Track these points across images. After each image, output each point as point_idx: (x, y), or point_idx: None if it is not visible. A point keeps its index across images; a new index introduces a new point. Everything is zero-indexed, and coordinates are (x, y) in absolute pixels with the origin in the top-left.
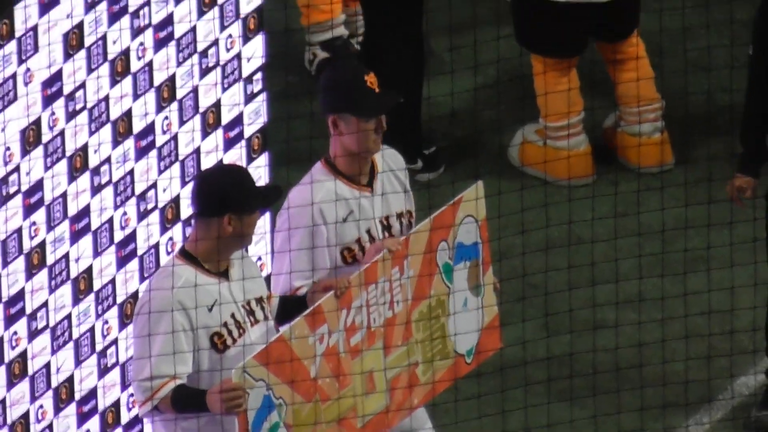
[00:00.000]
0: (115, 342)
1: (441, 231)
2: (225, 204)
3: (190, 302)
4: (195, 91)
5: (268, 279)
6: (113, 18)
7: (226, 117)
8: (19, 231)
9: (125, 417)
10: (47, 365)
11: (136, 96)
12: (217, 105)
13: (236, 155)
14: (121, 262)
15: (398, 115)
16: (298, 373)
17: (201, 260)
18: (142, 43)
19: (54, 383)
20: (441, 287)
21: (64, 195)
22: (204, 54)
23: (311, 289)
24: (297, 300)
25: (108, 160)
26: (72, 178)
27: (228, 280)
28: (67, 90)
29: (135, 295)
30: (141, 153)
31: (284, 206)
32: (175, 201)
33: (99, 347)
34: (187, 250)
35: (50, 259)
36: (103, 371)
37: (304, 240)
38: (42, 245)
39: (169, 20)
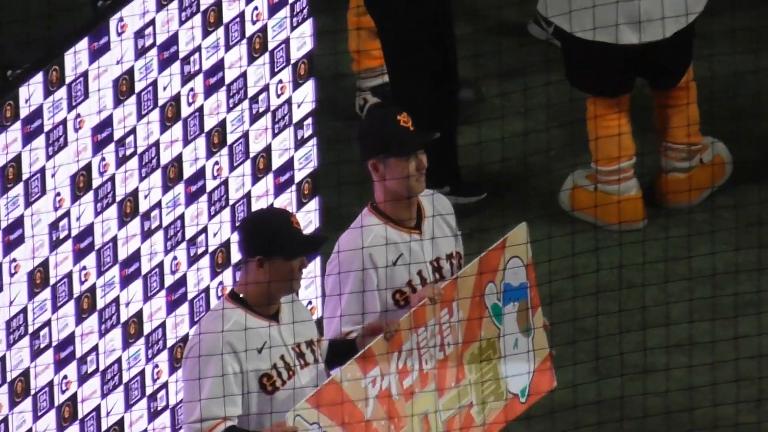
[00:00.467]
0: (165, 386)
1: (488, 273)
2: (258, 248)
3: (239, 344)
4: (245, 136)
5: (319, 322)
6: (163, 64)
7: (277, 162)
8: (69, 276)
9: None
10: (97, 409)
11: (186, 141)
12: (268, 150)
13: (286, 200)
14: (171, 306)
15: (434, 155)
16: (351, 415)
17: (250, 303)
18: (192, 89)
19: (104, 426)
20: (491, 329)
21: (114, 240)
22: (254, 99)
23: (360, 333)
24: (346, 343)
25: (158, 205)
26: (122, 223)
27: (278, 322)
28: (117, 135)
29: (185, 339)
30: (191, 198)
31: (334, 251)
32: (225, 245)
33: (149, 391)
34: (237, 293)
35: (100, 304)
36: (153, 415)
37: (355, 285)
38: (92, 290)
39: (219, 66)
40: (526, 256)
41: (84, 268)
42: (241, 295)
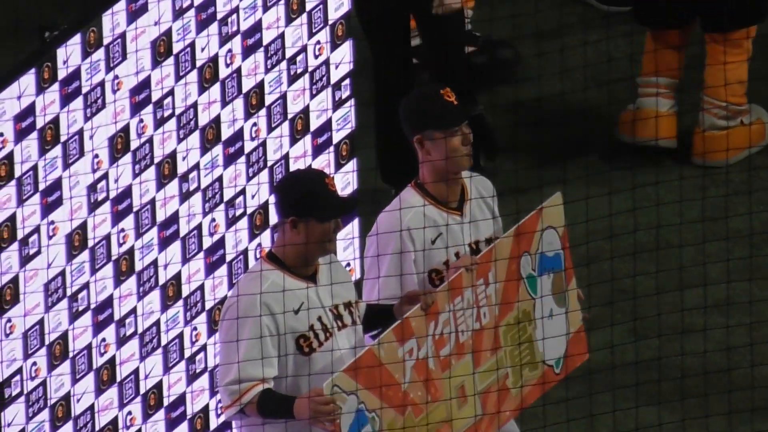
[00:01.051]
0: (203, 348)
1: (523, 242)
2: (291, 209)
3: (276, 305)
4: (283, 97)
5: (357, 284)
6: (201, 25)
7: (315, 123)
8: (107, 238)
9: (214, 423)
10: (135, 372)
11: (224, 103)
12: (306, 111)
13: (324, 161)
14: (210, 268)
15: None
16: (388, 384)
17: (288, 264)
18: (230, 50)
19: (142, 389)
20: (526, 298)
21: (152, 202)
22: (292, 61)
23: (398, 302)
24: (383, 309)
25: (196, 166)
26: (160, 185)
27: (315, 284)
28: (155, 97)
29: (223, 301)
30: (229, 159)
31: (373, 231)
32: (264, 207)
33: (187, 353)
34: (274, 254)
35: (138, 266)
36: (191, 377)
37: (393, 264)
38: (130, 252)
39: (257, 27)
40: (560, 225)
41: (122, 230)
42: (279, 256)
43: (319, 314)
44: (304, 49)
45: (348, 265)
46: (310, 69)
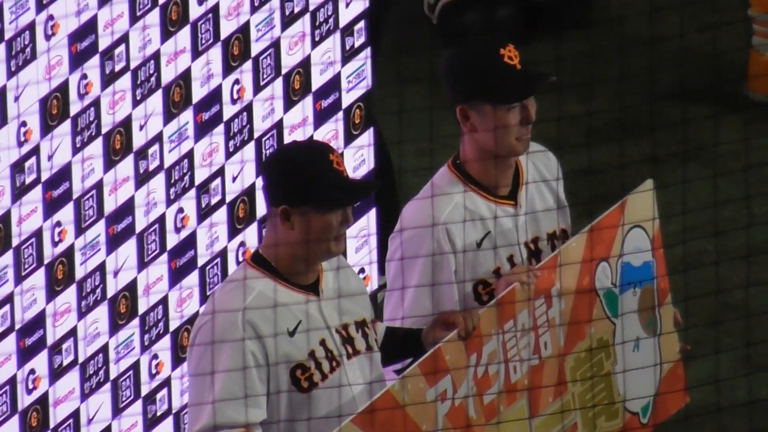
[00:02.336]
0: (167, 383)
1: (600, 245)
2: (282, 195)
3: (265, 325)
4: (275, 45)
5: (373, 298)
6: None
7: (318, 81)
8: (38, 235)
9: None
10: (75, 414)
11: (195, 53)
12: (306, 64)
13: (330, 132)
14: (176, 275)
15: None
16: None
17: (280, 269)
18: None
19: None
20: (604, 325)
21: (98, 186)
22: None
23: (429, 325)
24: (409, 333)
25: (158, 138)
26: (109, 163)
27: (318, 295)
28: (102, 45)
29: (192, 321)
30: (203, 129)
31: (398, 227)
32: (249, 194)
33: (145, 390)
34: (262, 256)
35: (80, 272)
36: (150, 423)
37: (425, 272)
38: (69, 254)
39: None
40: (652, 224)
41: (58, 224)
42: (268, 259)
43: (323, 337)
44: None
45: (362, 271)
46: (311, 7)
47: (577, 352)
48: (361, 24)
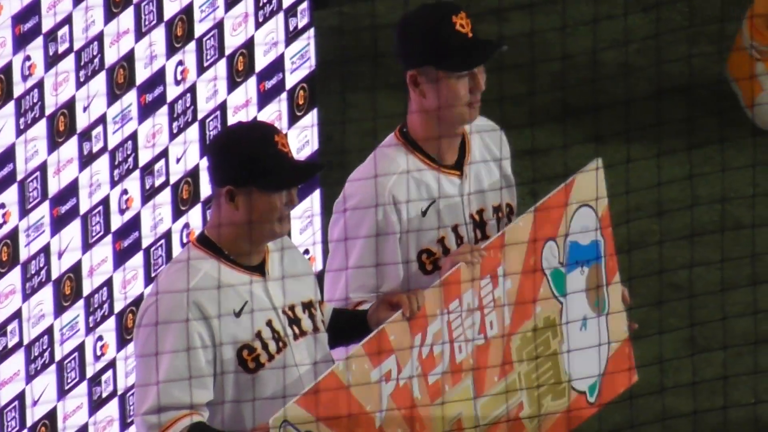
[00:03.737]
0: (112, 365)
1: (547, 224)
2: (227, 175)
3: (210, 306)
4: (219, 26)
5: (320, 278)
6: None
7: (261, 61)
8: None
9: None
10: (20, 396)
11: (139, 34)
12: (249, 45)
13: (274, 113)
14: (120, 257)
15: None
16: (357, 421)
17: (225, 250)
18: None
19: (29, 420)
20: (550, 304)
21: (42, 167)
22: None
23: (374, 305)
24: (354, 316)
25: (102, 120)
26: (53, 144)
27: (263, 276)
28: (46, 26)
29: (137, 303)
30: (147, 111)
31: (341, 199)
32: (193, 175)
33: (90, 372)
34: (208, 237)
35: (23, 254)
36: (96, 404)
37: (369, 246)
38: (13, 235)
39: None
40: (601, 202)
41: (2, 205)
42: (213, 240)
43: (269, 317)
44: None
45: (307, 252)
46: None
47: (523, 331)
48: (305, 5)
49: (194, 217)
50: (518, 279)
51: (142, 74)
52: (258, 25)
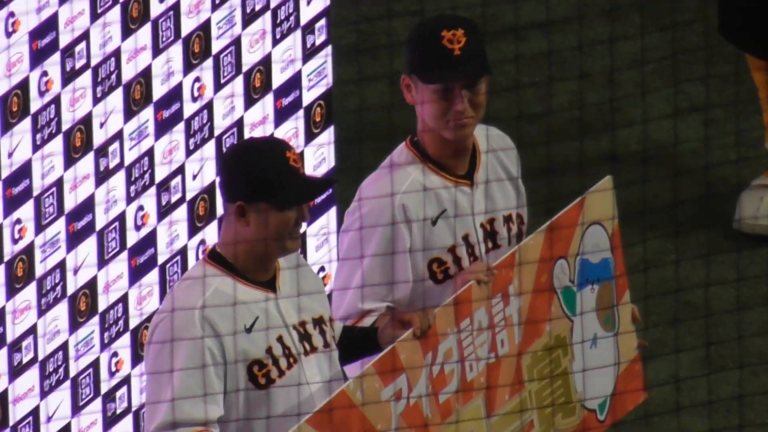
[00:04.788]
0: (126, 381)
1: (559, 242)
2: (238, 190)
3: (222, 322)
4: (236, 43)
5: (332, 295)
6: None
7: (278, 79)
8: None
9: None
10: (34, 412)
11: (156, 51)
12: (266, 62)
13: (291, 130)
14: (136, 273)
15: None
16: None
17: (237, 266)
18: None
19: None
20: (561, 322)
21: (58, 183)
22: None
23: (385, 323)
24: (365, 332)
25: (118, 136)
26: (70, 160)
27: (274, 292)
28: (63, 42)
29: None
30: (163, 127)
31: (355, 201)
32: (209, 191)
33: (105, 388)
34: (219, 253)
35: (39, 270)
36: (110, 421)
37: (381, 247)
38: (29, 251)
39: None
40: (611, 221)
41: (18, 221)
42: (225, 256)
43: (280, 333)
44: None
45: (323, 270)
46: (272, 5)
47: (533, 350)
48: (322, 22)
49: (210, 233)
50: (529, 297)
51: (159, 90)
52: (275, 42)
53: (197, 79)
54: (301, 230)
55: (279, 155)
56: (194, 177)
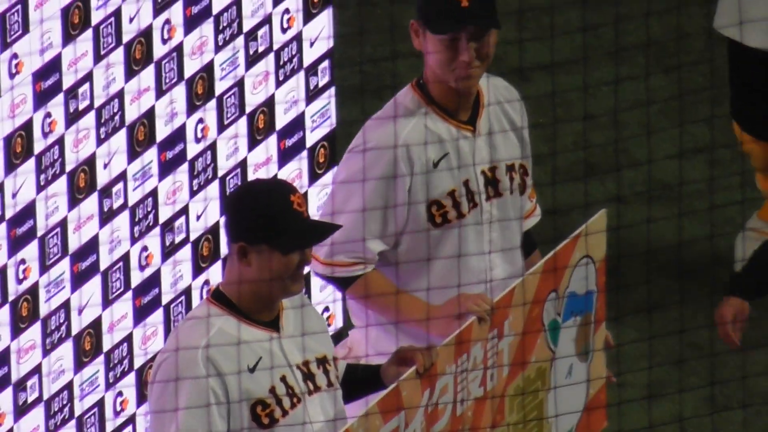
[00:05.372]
0: (131, 421)
1: (552, 279)
2: (240, 232)
3: (225, 362)
4: (239, 84)
5: (336, 337)
6: None
7: (282, 120)
8: (2, 272)
9: None
10: None
11: (159, 92)
12: (270, 104)
13: (294, 171)
14: (140, 313)
15: None
16: None
17: (241, 306)
18: (168, 21)
19: None
20: (544, 352)
21: (63, 223)
22: (252, 35)
23: (388, 360)
24: (368, 370)
25: (122, 177)
26: (74, 201)
27: (278, 332)
28: (67, 83)
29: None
30: (167, 168)
31: (355, 141)
32: (213, 232)
33: (110, 427)
34: (223, 293)
35: (44, 310)
36: None
37: (378, 192)
38: (33, 291)
39: None
40: (600, 253)
41: (23, 261)
42: (228, 296)
43: (283, 373)
44: (267, 19)
45: (327, 310)
46: (275, 47)
47: (517, 383)
48: (326, 63)
49: (214, 274)
50: (521, 329)
51: (162, 131)
52: (278, 83)
53: (200, 120)
54: (305, 272)
55: (282, 198)
56: (198, 217)
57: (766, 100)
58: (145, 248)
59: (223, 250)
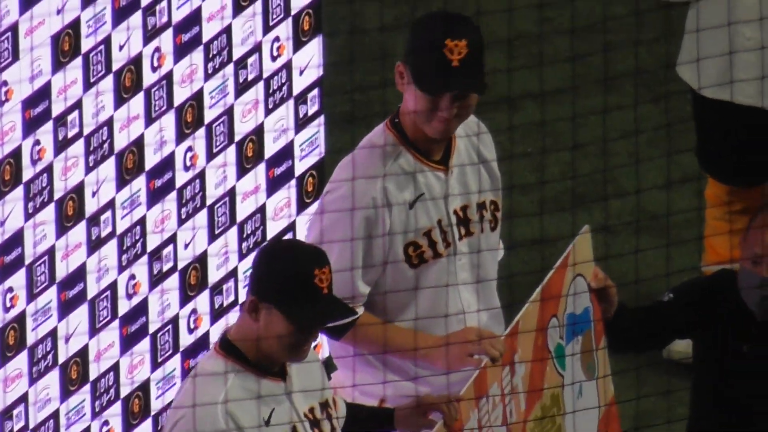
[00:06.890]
0: None
1: (551, 305)
2: (257, 285)
3: (243, 416)
4: (229, 112)
5: (330, 368)
6: (119, 15)
7: (271, 148)
8: None
9: None
10: None
11: (149, 120)
12: (259, 132)
13: (283, 199)
14: (127, 342)
15: None
16: None
17: (250, 357)
18: (158, 49)
19: None
20: (554, 378)
21: (50, 252)
22: (241, 63)
23: (404, 409)
24: (375, 413)
25: (110, 205)
26: (62, 229)
27: (285, 381)
28: (56, 111)
29: (144, 387)
30: (155, 196)
31: (332, 181)
32: (201, 261)
33: None
34: (233, 343)
35: (31, 338)
36: None
37: (361, 229)
38: (20, 319)
39: (194, 18)
40: (589, 268)
41: (10, 289)
42: (237, 346)
43: (295, 425)
44: (257, 47)
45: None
46: (265, 75)
47: (535, 415)
48: (315, 92)
49: (202, 303)
50: (530, 362)
51: (151, 159)
52: (268, 111)
53: (189, 149)
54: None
55: (306, 268)
56: (186, 246)
57: (722, 145)
58: (132, 276)
59: (211, 279)
